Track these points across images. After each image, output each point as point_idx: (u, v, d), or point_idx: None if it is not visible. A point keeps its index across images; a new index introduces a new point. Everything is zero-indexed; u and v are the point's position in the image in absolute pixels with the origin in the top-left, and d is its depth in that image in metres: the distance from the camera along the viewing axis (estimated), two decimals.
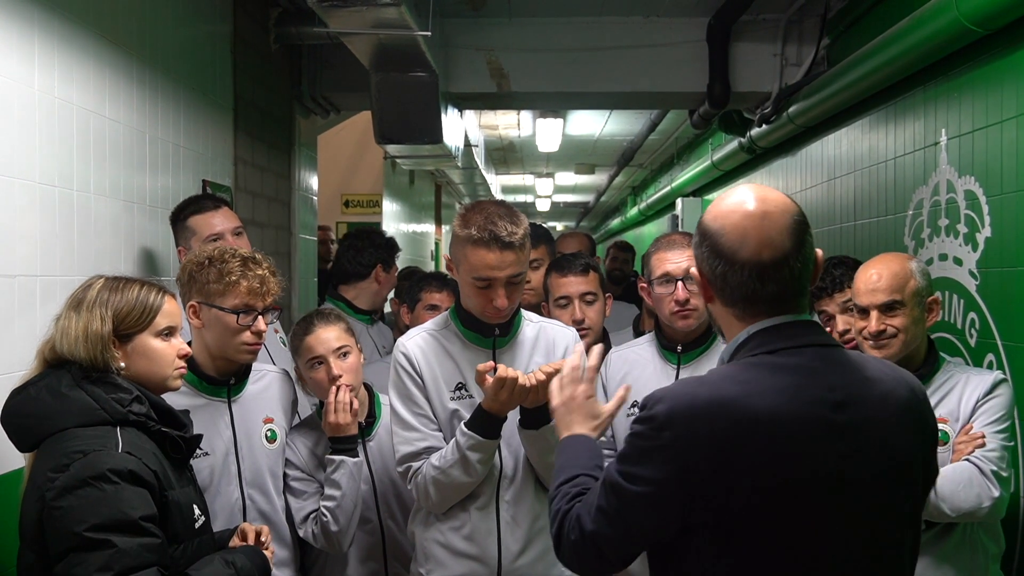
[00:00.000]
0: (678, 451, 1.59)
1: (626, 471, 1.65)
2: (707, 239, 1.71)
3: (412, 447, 2.56)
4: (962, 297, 3.64)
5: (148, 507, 1.98)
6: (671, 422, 1.60)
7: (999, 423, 2.62)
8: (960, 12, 3.25)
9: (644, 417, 1.65)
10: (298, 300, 5.48)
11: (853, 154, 4.99)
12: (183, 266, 2.64)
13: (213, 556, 2.14)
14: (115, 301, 2.13)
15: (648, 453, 1.62)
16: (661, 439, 1.60)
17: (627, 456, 1.66)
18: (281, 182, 5.32)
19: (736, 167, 7.64)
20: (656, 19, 5.53)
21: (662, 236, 3.01)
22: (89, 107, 3.04)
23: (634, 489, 1.63)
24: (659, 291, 2.88)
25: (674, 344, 2.91)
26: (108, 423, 2.04)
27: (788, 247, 1.66)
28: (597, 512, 1.68)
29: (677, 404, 1.61)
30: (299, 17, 4.99)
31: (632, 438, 1.66)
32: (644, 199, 13.15)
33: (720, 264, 1.69)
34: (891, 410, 1.69)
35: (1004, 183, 3.35)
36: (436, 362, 2.60)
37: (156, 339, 2.18)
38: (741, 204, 1.70)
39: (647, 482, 1.61)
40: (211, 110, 4.19)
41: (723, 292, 1.71)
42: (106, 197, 3.15)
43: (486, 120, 9.86)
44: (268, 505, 2.70)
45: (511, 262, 2.48)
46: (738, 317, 1.72)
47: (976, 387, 2.66)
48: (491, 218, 2.49)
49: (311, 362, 2.83)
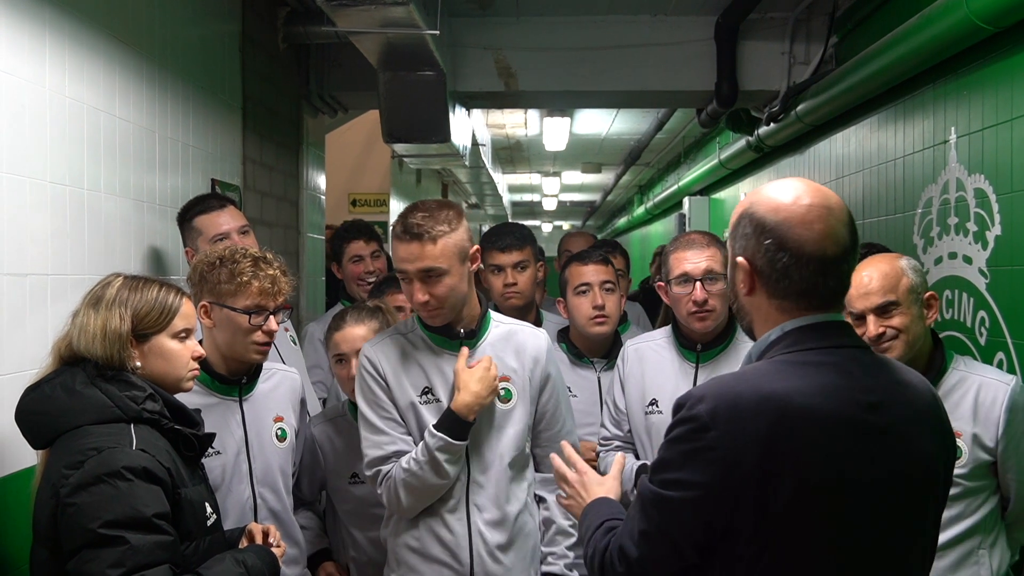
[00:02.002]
0: (724, 451, 1.54)
1: (667, 479, 1.60)
2: (768, 231, 1.65)
3: (381, 451, 2.56)
4: (972, 296, 3.63)
5: (161, 505, 1.99)
6: (716, 421, 1.55)
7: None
8: (970, 9, 3.24)
9: (685, 418, 1.59)
10: (306, 299, 5.49)
11: (862, 152, 4.98)
12: (194, 266, 2.65)
13: (224, 555, 2.14)
14: (135, 301, 2.14)
15: (692, 456, 1.57)
16: (706, 440, 1.55)
17: (667, 463, 1.61)
18: (289, 181, 5.33)
19: (743, 166, 7.63)
20: (664, 18, 5.52)
21: (680, 235, 3.00)
22: (99, 106, 3.05)
23: (678, 495, 1.58)
24: (677, 291, 2.87)
25: (693, 343, 2.91)
26: (122, 420, 2.05)
27: (848, 243, 1.66)
28: (640, 537, 1.63)
29: (720, 402, 1.56)
30: (307, 16, 5.01)
31: (672, 443, 1.61)
32: (651, 198, 13.14)
33: (785, 257, 1.64)
34: (920, 414, 1.69)
35: (1014, 181, 3.34)
36: (401, 367, 2.59)
37: (173, 340, 2.19)
38: (803, 195, 1.67)
39: (692, 486, 1.56)
40: (220, 109, 4.20)
41: (778, 285, 1.66)
42: (116, 196, 3.16)
43: (493, 119, 9.86)
44: (278, 503, 2.71)
45: (417, 255, 2.46)
46: (782, 310, 1.68)
47: (990, 398, 2.58)
48: (411, 211, 2.51)
49: (336, 357, 2.90)
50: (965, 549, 2.57)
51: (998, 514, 2.69)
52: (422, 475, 2.48)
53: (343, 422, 2.96)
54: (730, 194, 8.71)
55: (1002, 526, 2.71)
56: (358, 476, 2.88)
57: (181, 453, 2.15)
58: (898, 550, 1.65)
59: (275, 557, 2.24)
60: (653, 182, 13.78)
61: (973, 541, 2.58)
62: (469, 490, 2.57)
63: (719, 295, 2.83)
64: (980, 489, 2.59)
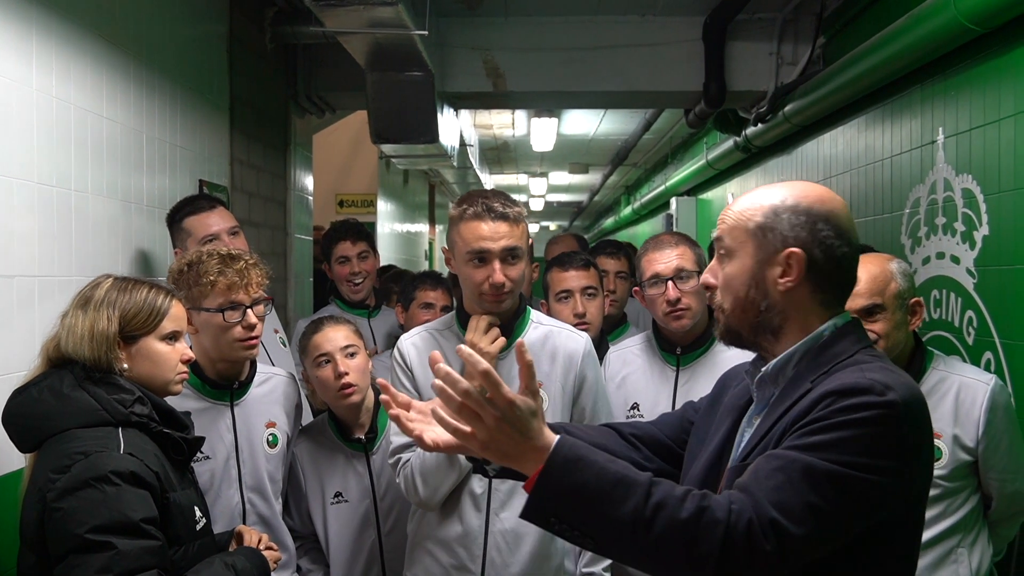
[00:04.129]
0: (911, 442, 1.54)
1: (855, 461, 1.48)
2: (823, 220, 1.65)
3: (403, 439, 2.54)
4: (960, 296, 3.64)
5: (149, 509, 1.97)
6: (909, 411, 1.53)
7: (1015, 448, 2.63)
8: (958, 10, 3.25)
9: (873, 403, 1.50)
10: (294, 300, 5.47)
11: (849, 153, 5.00)
12: (167, 276, 2.63)
13: (213, 558, 2.13)
14: (123, 302, 2.12)
15: (884, 440, 1.50)
16: (900, 428, 1.51)
17: (850, 445, 1.49)
18: (277, 182, 5.31)
19: (731, 166, 7.64)
20: (652, 18, 5.53)
21: (650, 238, 2.99)
22: (87, 107, 3.03)
23: (871, 479, 1.48)
24: (651, 292, 2.86)
25: (673, 346, 2.90)
26: (110, 424, 2.03)
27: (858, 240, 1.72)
28: (808, 514, 1.45)
29: (906, 392, 1.54)
30: (295, 16, 4.99)
31: (857, 426, 1.50)
32: (638, 198, 13.15)
33: (842, 244, 1.66)
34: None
35: (1002, 181, 3.35)
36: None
37: (161, 343, 2.17)
38: (830, 193, 1.71)
39: (880, 472, 1.49)
40: (207, 110, 4.18)
41: (831, 276, 1.66)
42: (104, 197, 3.14)
43: (481, 120, 9.85)
44: (268, 509, 2.69)
45: (505, 233, 2.46)
46: (824, 304, 1.68)
47: (970, 399, 2.59)
48: (484, 195, 2.51)
49: (318, 359, 2.83)
50: (945, 548, 2.58)
51: (979, 512, 2.71)
52: (435, 459, 2.44)
53: (324, 439, 2.91)
54: (717, 195, 8.72)
55: (983, 524, 2.72)
56: (342, 495, 2.85)
57: (170, 457, 2.13)
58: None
59: (265, 560, 2.23)
60: (640, 183, 13.79)
61: (952, 540, 2.59)
62: (491, 498, 2.53)
63: (693, 293, 2.81)
64: (960, 489, 2.60)
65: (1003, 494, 2.67)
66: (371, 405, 2.91)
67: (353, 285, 4.13)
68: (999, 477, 2.64)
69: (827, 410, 1.52)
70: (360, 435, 2.88)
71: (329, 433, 2.91)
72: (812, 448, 1.49)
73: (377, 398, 2.93)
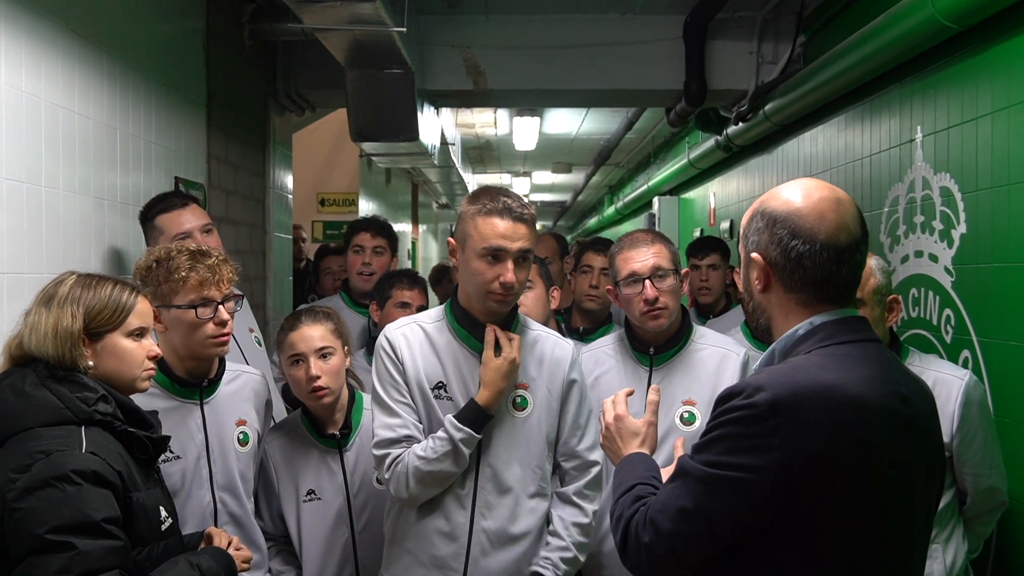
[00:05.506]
0: (784, 438, 1.56)
1: (719, 460, 1.60)
2: (780, 222, 1.69)
3: (392, 433, 2.50)
4: (938, 294, 3.64)
5: (111, 509, 1.94)
6: (777, 410, 1.56)
7: (989, 444, 2.64)
8: (936, 8, 3.26)
9: (742, 405, 1.59)
10: (273, 299, 5.44)
11: (829, 151, 5.00)
12: (133, 273, 2.58)
13: (178, 558, 2.09)
14: (87, 299, 2.09)
15: (749, 440, 1.58)
16: (766, 427, 1.56)
17: (717, 444, 1.62)
18: (255, 180, 5.27)
19: (713, 165, 7.65)
20: (633, 16, 5.53)
21: (624, 236, 2.96)
22: (58, 102, 2.99)
23: (729, 476, 1.58)
24: (627, 292, 2.83)
25: (646, 345, 2.87)
26: (73, 423, 2.00)
27: (859, 234, 1.70)
28: (677, 512, 1.64)
29: (781, 391, 1.58)
30: (273, 13, 4.94)
31: (725, 426, 1.61)
32: (621, 198, 13.16)
33: (798, 244, 1.67)
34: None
35: (979, 180, 3.36)
36: (420, 356, 2.54)
37: (127, 339, 2.13)
38: (813, 190, 1.71)
39: (746, 469, 1.57)
40: (183, 106, 4.14)
41: (793, 276, 1.69)
42: (75, 194, 3.10)
43: (462, 118, 9.83)
44: (239, 509, 2.66)
45: (523, 235, 2.46)
46: (802, 304, 1.71)
47: (945, 394, 2.61)
48: (503, 194, 2.50)
49: (292, 358, 2.79)
50: None
51: (954, 508, 2.71)
52: (441, 465, 2.43)
53: (297, 436, 2.86)
54: (699, 194, 8.73)
55: (958, 520, 2.72)
56: (314, 493, 2.81)
57: (135, 456, 2.10)
58: (918, 537, 1.71)
59: (232, 560, 2.19)
60: (623, 182, 13.80)
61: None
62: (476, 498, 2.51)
63: (670, 292, 2.80)
64: None
65: (978, 489, 2.67)
66: (346, 402, 2.87)
67: (364, 277, 4.13)
68: (974, 472, 2.64)
69: (713, 413, 1.66)
70: (334, 431, 2.84)
71: (302, 430, 2.86)
72: (695, 450, 1.67)
73: (353, 394, 2.90)
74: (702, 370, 2.82)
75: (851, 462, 1.58)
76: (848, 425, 1.58)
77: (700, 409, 2.76)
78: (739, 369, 2.81)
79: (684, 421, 2.77)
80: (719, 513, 1.61)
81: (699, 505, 1.62)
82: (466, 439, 2.43)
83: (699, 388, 2.79)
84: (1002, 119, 3.21)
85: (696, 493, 1.62)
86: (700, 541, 1.64)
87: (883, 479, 1.61)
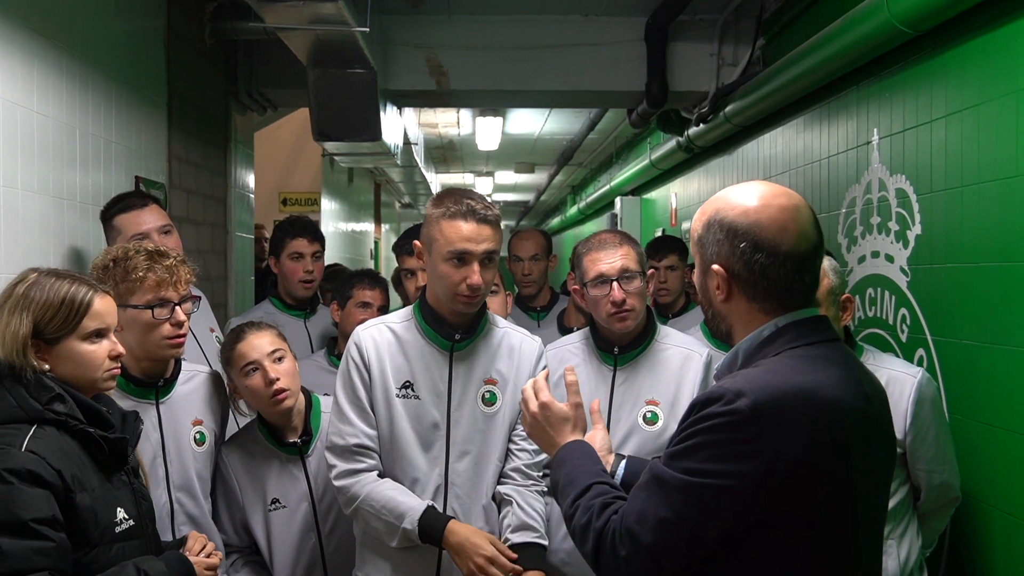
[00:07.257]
0: (767, 444, 1.55)
1: (700, 468, 1.58)
2: (742, 235, 1.67)
3: (342, 440, 2.54)
4: (893, 293, 3.71)
5: (45, 509, 1.91)
6: (759, 415, 1.56)
7: (942, 440, 2.69)
8: (891, 13, 3.31)
9: (722, 412, 1.58)
10: (234, 299, 5.41)
11: (788, 153, 5.06)
12: (91, 272, 2.55)
13: (127, 563, 2.05)
14: (37, 304, 2.05)
15: (730, 447, 1.57)
16: (748, 433, 1.55)
17: (696, 452, 1.59)
18: (217, 179, 5.24)
19: (674, 166, 7.71)
20: (595, 18, 5.55)
21: (592, 236, 2.96)
22: (16, 101, 2.95)
23: (711, 484, 1.57)
24: (594, 293, 2.84)
25: (611, 345, 2.89)
26: (24, 421, 1.98)
27: (816, 239, 1.71)
28: (657, 523, 1.61)
29: (762, 396, 1.57)
30: (235, 12, 4.91)
31: (707, 433, 1.59)
32: (583, 198, 13.20)
33: (762, 257, 1.66)
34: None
35: (934, 182, 3.42)
36: (387, 356, 2.56)
37: (83, 343, 2.10)
38: (770, 197, 1.70)
39: (729, 476, 1.56)
40: (144, 105, 4.11)
41: (757, 287, 1.68)
42: (34, 193, 3.07)
43: (425, 118, 9.82)
44: (196, 509, 2.65)
45: (487, 236, 2.49)
46: (765, 312, 1.71)
47: (898, 391, 2.65)
48: (467, 196, 2.52)
49: (245, 369, 2.73)
50: None
51: (908, 504, 2.76)
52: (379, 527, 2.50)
53: (256, 446, 2.82)
54: (661, 194, 8.79)
55: (912, 516, 2.77)
56: (279, 501, 2.79)
57: (95, 456, 2.07)
58: (879, 530, 1.75)
59: (190, 565, 2.17)
60: (586, 182, 13.85)
61: None
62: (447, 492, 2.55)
63: (637, 294, 2.81)
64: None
65: (931, 485, 2.72)
66: (303, 407, 2.84)
67: (305, 284, 4.06)
68: (927, 468, 2.69)
69: (688, 420, 1.64)
70: (294, 439, 2.81)
71: (261, 439, 2.82)
72: (671, 457, 1.64)
73: (309, 399, 2.88)
74: (666, 370, 2.85)
75: (828, 463, 1.59)
76: (825, 427, 1.59)
77: (663, 409, 2.79)
78: (702, 369, 2.83)
79: (647, 421, 2.79)
80: (701, 521, 1.59)
81: (679, 515, 1.60)
82: (411, 535, 2.45)
83: (663, 388, 2.82)
84: (956, 122, 3.27)
85: (675, 502, 1.60)
86: (682, 549, 1.62)
87: (856, 478, 1.63)
